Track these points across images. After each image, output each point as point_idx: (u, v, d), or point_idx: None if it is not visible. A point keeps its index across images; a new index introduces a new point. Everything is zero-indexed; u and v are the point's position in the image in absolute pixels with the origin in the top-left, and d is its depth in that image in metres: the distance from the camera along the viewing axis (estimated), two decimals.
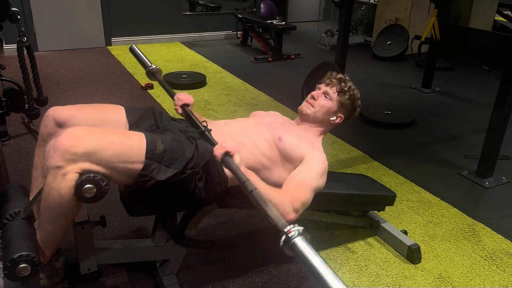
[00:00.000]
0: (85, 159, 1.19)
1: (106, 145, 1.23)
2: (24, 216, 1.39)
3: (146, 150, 1.27)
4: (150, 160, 1.27)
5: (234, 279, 1.75)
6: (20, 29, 2.65)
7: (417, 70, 5.04)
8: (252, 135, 1.56)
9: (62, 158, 1.18)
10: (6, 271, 1.21)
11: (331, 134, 3.18)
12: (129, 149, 1.26)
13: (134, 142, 1.28)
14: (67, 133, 1.22)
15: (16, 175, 2.41)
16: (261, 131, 1.58)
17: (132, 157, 1.26)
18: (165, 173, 1.29)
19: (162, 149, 1.30)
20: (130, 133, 1.34)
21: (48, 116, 1.45)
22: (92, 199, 1.23)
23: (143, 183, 1.28)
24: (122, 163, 1.24)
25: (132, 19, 5.60)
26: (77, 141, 1.19)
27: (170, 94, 1.58)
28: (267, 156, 1.53)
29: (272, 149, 1.54)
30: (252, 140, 1.54)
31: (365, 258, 1.92)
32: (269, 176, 1.53)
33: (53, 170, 1.19)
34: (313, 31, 6.61)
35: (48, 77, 4.21)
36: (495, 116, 2.52)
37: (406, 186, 2.53)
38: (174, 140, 1.36)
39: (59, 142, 1.19)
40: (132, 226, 2.04)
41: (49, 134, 1.45)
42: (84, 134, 1.22)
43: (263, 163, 1.53)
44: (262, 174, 1.48)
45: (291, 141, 1.55)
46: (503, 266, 1.91)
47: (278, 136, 1.56)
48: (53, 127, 1.44)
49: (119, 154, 1.23)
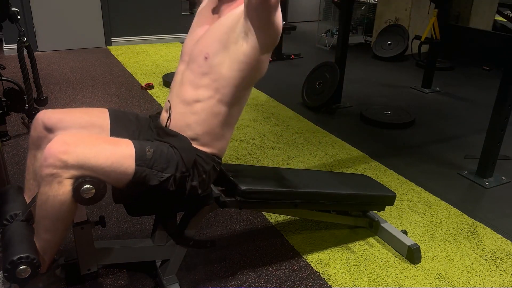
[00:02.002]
0: (77, 167, 1.20)
1: (96, 153, 1.23)
2: (23, 217, 1.39)
3: (136, 157, 1.28)
4: (141, 166, 1.28)
5: (234, 279, 1.75)
6: (20, 29, 2.66)
7: (417, 70, 5.04)
8: (181, 94, 1.43)
9: (54, 167, 1.18)
10: (6, 273, 1.21)
11: (331, 134, 3.18)
12: (120, 156, 1.27)
13: (123, 149, 1.29)
14: (57, 140, 1.22)
15: (16, 175, 2.41)
16: (185, 83, 1.43)
17: (124, 165, 1.27)
18: (158, 178, 1.31)
19: (151, 154, 1.31)
20: (119, 141, 1.34)
21: (37, 120, 1.45)
22: (91, 200, 1.23)
23: (136, 189, 1.30)
24: (113, 171, 1.25)
25: (132, 19, 5.60)
26: (67, 148, 1.19)
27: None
28: (210, 95, 1.39)
29: (206, 75, 1.38)
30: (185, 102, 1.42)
31: (365, 258, 1.92)
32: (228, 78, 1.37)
33: (47, 179, 1.19)
34: (313, 31, 6.60)
35: (48, 77, 4.21)
36: (495, 116, 2.52)
37: (406, 186, 2.53)
38: (161, 145, 1.37)
39: (49, 150, 1.19)
40: (132, 226, 2.04)
41: (39, 138, 1.45)
42: (73, 141, 1.23)
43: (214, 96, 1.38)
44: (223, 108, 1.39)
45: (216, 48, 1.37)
46: (503, 266, 1.91)
47: (204, 56, 1.38)
48: (42, 130, 1.44)
49: (110, 162, 1.24)
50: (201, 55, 1.39)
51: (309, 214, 1.91)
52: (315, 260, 1.88)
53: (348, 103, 3.81)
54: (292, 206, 1.74)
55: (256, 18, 1.28)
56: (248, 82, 1.40)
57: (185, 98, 1.41)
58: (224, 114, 1.41)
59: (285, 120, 3.43)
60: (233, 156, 2.78)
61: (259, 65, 1.38)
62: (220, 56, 1.35)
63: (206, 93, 1.38)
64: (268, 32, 1.32)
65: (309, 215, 1.93)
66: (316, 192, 1.79)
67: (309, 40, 6.42)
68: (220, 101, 1.38)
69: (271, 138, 3.09)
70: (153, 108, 3.55)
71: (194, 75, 1.41)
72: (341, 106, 3.75)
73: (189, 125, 1.41)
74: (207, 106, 1.39)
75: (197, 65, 1.40)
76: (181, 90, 1.44)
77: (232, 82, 1.36)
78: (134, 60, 4.95)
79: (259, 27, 1.30)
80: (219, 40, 1.36)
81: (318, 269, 1.83)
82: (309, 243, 1.99)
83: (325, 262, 1.87)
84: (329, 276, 1.79)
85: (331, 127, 3.33)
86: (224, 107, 1.40)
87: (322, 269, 1.83)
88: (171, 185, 1.34)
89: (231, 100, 1.40)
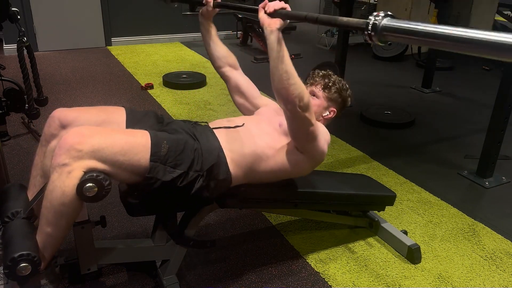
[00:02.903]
0: (90, 157, 1.20)
1: (111, 142, 1.24)
2: (25, 215, 1.39)
3: (151, 152, 1.29)
4: (155, 162, 1.29)
5: (234, 279, 1.75)
6: (20, 29, 2.65)
7: (417, 70, 5.04)
8: (254, 131, 1.58)
9: (68, 156, 1.19)
10: (6, 270, 1.21)
11: (331, 134, 3.18)
12: (135, 146, 1.27)
13: (139, 139, 1.30)
14: (73, 131, 1.23)
15: (16, 175, 2.41)
16: (262, 125, 1.61)
17: (138, 154, 1.27)
18: (171, 174, 1.31)
19: (166, 150, 1.31)
20: (135, 131, 1.36)
21: (53, 117, 1.46)
22: (93, 198, 1.23)
23: (149, 185, 1.30)
24: (127, 161, 1.26)
25: (132, 19, 5.60)
26: (82, 139, 1.20)
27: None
28: (271, 146, 1.55)
29: (275, 138, 1.57)
30: (257, 134, 1.57)
31: (365, 258, 1.92)
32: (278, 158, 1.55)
33: (58, 168, 1.20)
34: (313, 31, 6.61)
35: (48, 77, 4.21)
36: (495, 116, 2.52)
37: (406, 186, 2.53)
38: (179, 140, 1.37)
39: (65, 140, 1.20)
40: (132, 226, 2.04)
41: (52, 135, 1.46)
42: (89, 133, 1.24)
43: (268, 154, 1.55)
44: (268, 162, 1.53)
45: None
46: (503, 266, 1.91)
47: (279, 123, 1.60)
48: (57, 127, 1.45)
49: (124, 152, 1.25)
50: (277, 122, 1.61)
51: (309, 214, 1.91)
52: (315, 260, 1.88)
53: None
54: (292, 206, 1.74)
55: (299, 145, 1.52)
56: (292, 173, 1.59)
57: (262, 127, 1.57)
58: (268, 166, 1.52)
59: None
60: None
61: (299, 170, 1.59)
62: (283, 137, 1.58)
63: (277, 138, 1.56)
64: (309, 155, 1.54)
65: (309, 215, 1.93)
66: (316, 192, 1.79)
67: (309, 40, 6.43)
68: (268, 161, 1.52)
69: None
70: (153, 108, 3.55)
71: (263, 127, 1.59)
72: None
73: (242, 143, 1.50)
74: (267, 146, 1.52)
75: (272, 126, 1.61)
76: (259, 123, 1.62)
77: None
78: (134, 60, 4.95)
79: (303, 151, 1.52)
80: None
81: (318, 269, 1.83)
82: (309, 243, 1.99)
83: (325, 262, 1.87)
84: (329, 276, 1.79)
85: (331, 127, 3.32)
86: (270, 167, 1.53)
87: (322, 269, 1.83)
88: (181, 181, 1.34)
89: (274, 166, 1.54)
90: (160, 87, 4.06)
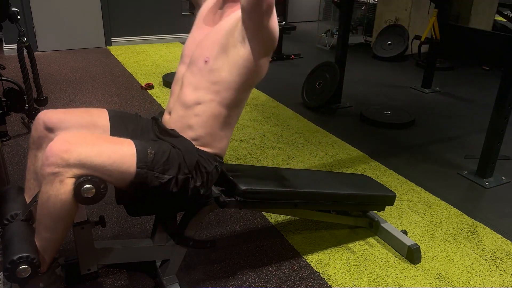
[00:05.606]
0: (79, 165, 1.20)
1: (98, 152, 1.24)
2: (23, 217, 1.39)
3: (137, 159, 1.28)
4: (142, 168, 1.29)
5: (234, 279, 1.75)
6: (20, 29, 2.66)
7: (417, 70, 5.04)
8: (182, 96, 1.44)
9: (56, 165, 1.18)
10: (6, 273, 1.21)
11: (331, 134, 3.18)
12: (122, 156, 1.27)
13: (125, 148, 1.29)
14: (58, 139, 1.22)
15: (16, 175, 2.41)
16: (186, 85, 1.44)
17: (125, 163, 1.27)
18: (159, 179, 1.32)
19: (153, 156, 1.31)
20: (121, 140, 1.35)
21: (38, 120, 1.45)
22: (91, 199, 1.23)
23: (137, 189, 1.31)
24: (116, 169, 1.26)
25: (132, 19, 5.60)
26: (69, 147, 1.20)
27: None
28: (214, 96, 1.39)
29: (209, 85, 1.39)
30: (186, 106, 1.43)
31: (365, 258, 1.92)
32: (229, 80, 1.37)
33: (49, 177, 1.20)
34: (313, 31, 6.61)
35: (48, 77, 4.21)
36: (495, 116, 2.52)
37: (406, 186, 2.53)
38: (164, 146, 1.37)
39: (51, 148, 1.19)
40: (132, 226, 2.04)
41: (40, 138, 1.45)
42: (75, 140, 1.23)
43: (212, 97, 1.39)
44: (226, 105, 1.40)
45: (216, 51, 1.37)
46: (503, 266, 1.91)
47: (204, 60, 1.39)
48: (43, 130, 1.44)
49: (112, 161, 1.25)
50: (201, 58, 1.39)
51: (309, 214, 1.91)
52: (315, 260, 1.88)
53: (348, 103, 3.81)
54: (292, 206, 1.74)
55: (251, 23, 1.28)
56: (248, 85, 1.41)
57: (186, 100, 1.42)
58: (225, 115, 1.42)
59: (285, 120, 3.43)
60: (233, 156, 2.78)
61: (258, 69, 1.38)
62: (220, 60, 1.36)
63: (206, 95, 1.39)
64: (264, 36, 1.31)
65: (309, 215, 1.93)
66: (316, 192, 1.79)
67: (309, 40, 6.42)
68: (220, 104, 1.39)
69: (271, 138, 3.09)
70: (153, 108, 3.55)
71: (194, 77, 1.41)
72: (341, 106, 3.75)
73: (191, 126, 1.42)
74: (207, 108, 1.40)
75: (197, 68, 1.41)
76: (182, 92, 1.44)
77: (232, 86, 1.37)
78: (134, 60, 4.95)
79: (254, 31, 1.30)
80: (219, 44, 1.36)
81: (318, 269, 1.83)
82: (309, 243, 1.99)
83: (325, 262, 1.87)
84: (329, 276, 1.79)
85: (331, 127, 3.33)
86: (224, 109, 1.41)
87: (322, 269, 1.83)
88: (173, 186, 1.35)
89: (231, 103, 1.41)
90: (160, 87, 4.06)
